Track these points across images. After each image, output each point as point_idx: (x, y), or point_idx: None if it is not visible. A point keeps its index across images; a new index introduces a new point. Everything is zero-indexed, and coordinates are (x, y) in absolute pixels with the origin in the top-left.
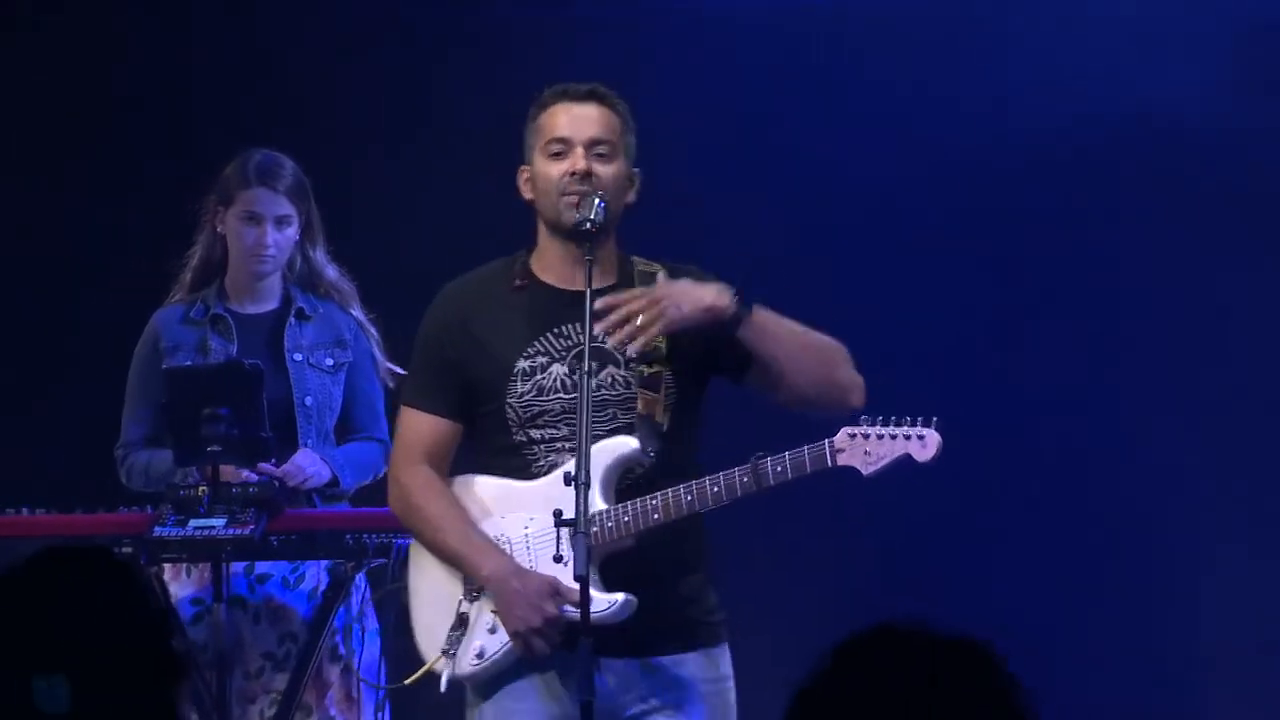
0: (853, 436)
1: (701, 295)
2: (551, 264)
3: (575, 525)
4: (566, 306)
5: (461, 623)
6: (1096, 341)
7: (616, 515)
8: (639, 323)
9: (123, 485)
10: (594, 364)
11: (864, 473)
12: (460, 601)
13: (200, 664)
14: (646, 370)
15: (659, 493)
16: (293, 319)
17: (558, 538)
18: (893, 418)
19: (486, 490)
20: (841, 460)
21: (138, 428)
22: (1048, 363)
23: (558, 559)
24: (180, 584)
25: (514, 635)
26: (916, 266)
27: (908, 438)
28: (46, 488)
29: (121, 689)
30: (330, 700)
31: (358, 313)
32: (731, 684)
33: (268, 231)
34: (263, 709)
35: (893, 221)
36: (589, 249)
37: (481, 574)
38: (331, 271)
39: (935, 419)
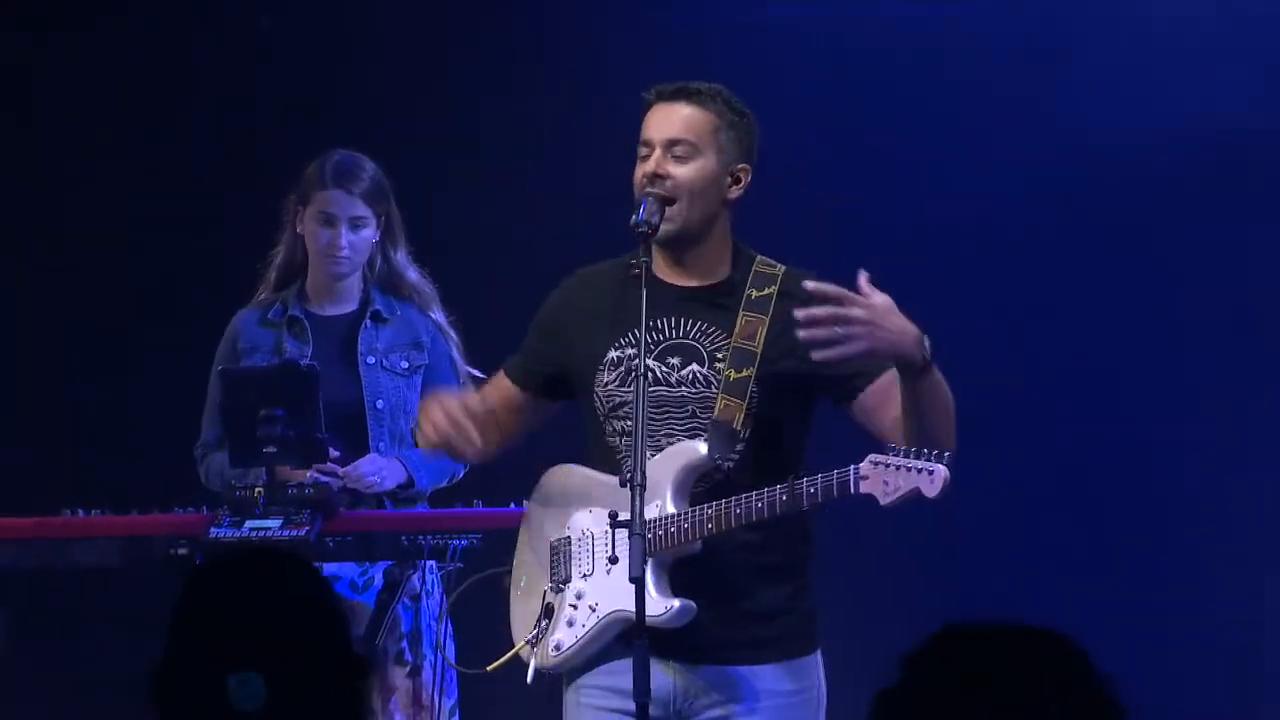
0: (875, 465)
1: (905, 336)
2: (658, 259)
3: (630, 527)
4: (674, 301)
5: (547, 613)
6: (1161, 343)
7: (678, 521)
8: (840, 332)
9: (182, 486)
10: (677, 360)
11: (881, 503)
12: (546, 591)
13: None
14: (734, 374)
15: (714, 503)
16: (368, 321)
17: (613, 538)
18: (913, 451)
19: (579, 480)
20: (864, 488)
21: (213, 429)
22: (1113, 364)
23: (613, 560)
24: None
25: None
26: (983, 267)
27: (919, 471)
28: (103, 489)
29: (313, 685)
30: (395, 705)
31: (438, 315)
32: (818, 691)
33: (341, 233)
34: None
35: (947, 225)
36: (644, 250)
37: None
38: (413, 273)
39: (947, 454)
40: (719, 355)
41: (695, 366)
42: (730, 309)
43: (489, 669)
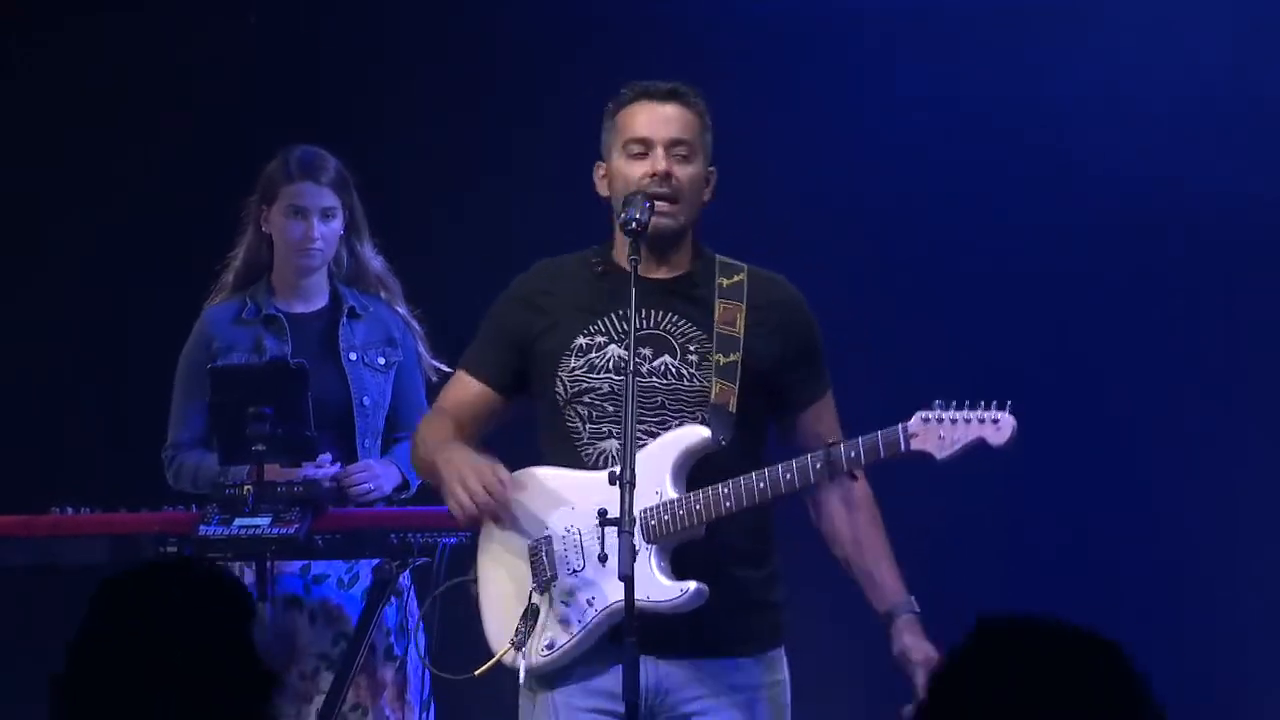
0: (926, 421)
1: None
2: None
3: (619, 524)
4: (644, 294)
5: (532, 614)
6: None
7: (688, 504)
8: None
9: (169, 484)
10: (648, 351)
11: (938, 457)
12: (531, 592)
13: None
14: (723, 359)
15: (730, 480)
16: (345, 318)
17: (602, 536)
18: (966, 401)
19: (549, 480)
20: (915, 445)
21: (187, 430)
22: (1108, 365)
23: (603, 558)
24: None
25: (449, 495)
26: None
27: (981, 421)
28: (92, 487)
29: (218, 704)
30: (385, 700)
31: (403, 309)
32: (786, 685)
33: (314, 224)
34: (317, 708)
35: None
36: (634, 248)
37: (444, 475)
38: (378, 264)
39: (1009, 402)
40: (691, 348)
41: (667, 358)
42: (703, 299)
43: (476, 674)
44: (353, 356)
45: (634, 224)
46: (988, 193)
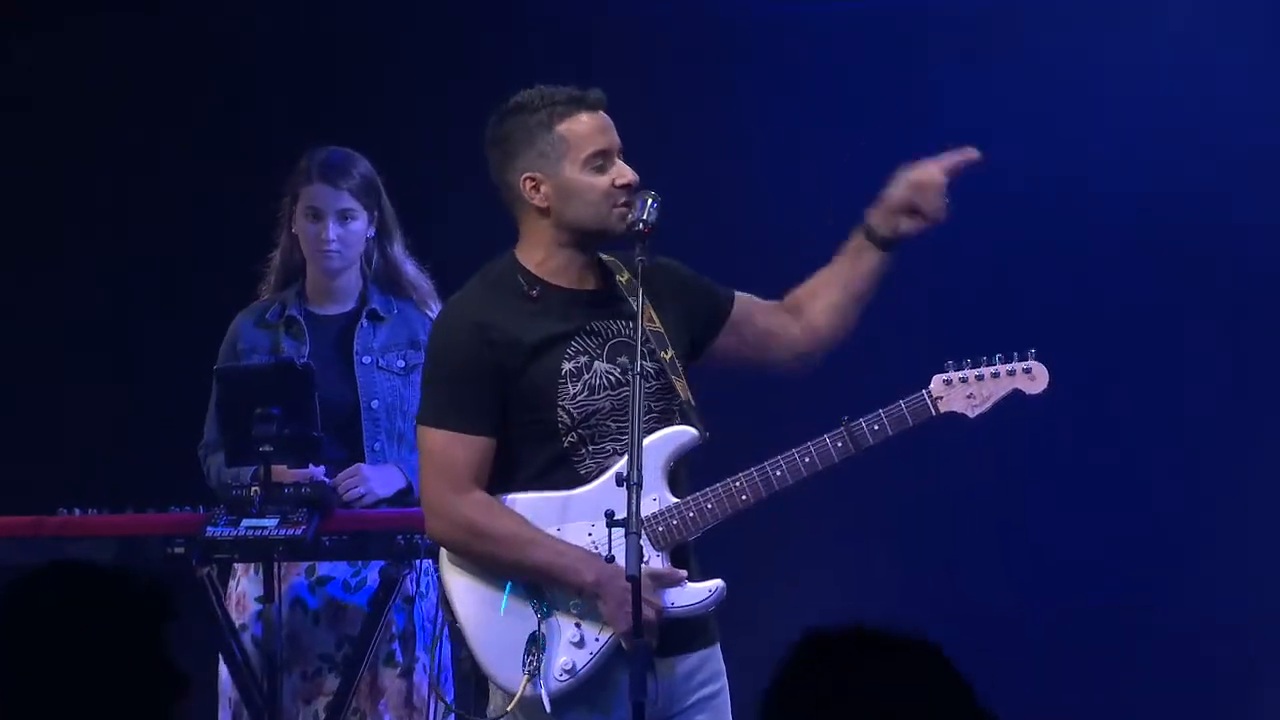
0: (949, 383)
1: None
2: (561, 269)
3: (626, 525)
4: (588, 306)
5: (540, 641)
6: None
7: (699, 504)
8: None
9: (178, 485)
10: (626, 359)
11: (970, 416)
12: (538, 621)
13: (256, 662)
14: (667, 355)
15: (741, 474)
16: (364, 320)
17: (609, 538)
18: (983, 358)
19: (537, 506)
20: (944, 407)
21: (216, 430)
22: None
23: (609, 560)
24: (250, 579)
25: (616, 622)
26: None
27: (1012, 373)
28: (99, 488)
29: (120, 706)
30: (385, 706)
31: (434, 312)
32: None
33: (329, 226)
34: (317, 710)
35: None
36: (642, 249)
37: (586, 581)
38: (410, 267)
39: (1033, 351)
40: (653, 349)
41: (644, 363)
42: (625, 299)
43: (510, 708)
44: (366, 360)
45: (640, 225)
46: (986, 191)
